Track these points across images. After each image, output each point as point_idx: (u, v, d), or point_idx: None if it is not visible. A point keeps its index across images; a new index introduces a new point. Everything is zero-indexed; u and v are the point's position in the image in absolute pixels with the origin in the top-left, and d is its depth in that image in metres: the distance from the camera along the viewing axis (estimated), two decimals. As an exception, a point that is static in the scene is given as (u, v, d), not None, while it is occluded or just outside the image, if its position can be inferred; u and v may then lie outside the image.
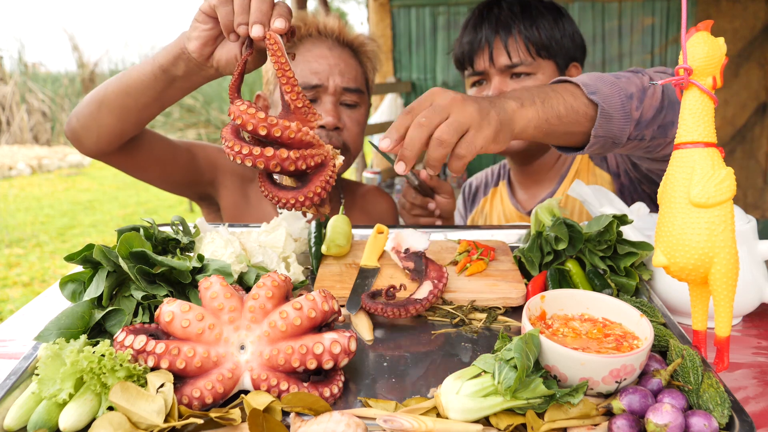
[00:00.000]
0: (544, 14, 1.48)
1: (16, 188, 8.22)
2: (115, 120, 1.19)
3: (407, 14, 4.24)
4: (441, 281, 0.91)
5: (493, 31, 1.48)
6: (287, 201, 0.86)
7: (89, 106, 1.20)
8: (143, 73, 1.10)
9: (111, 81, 1.17)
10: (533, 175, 1.64)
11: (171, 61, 1.05)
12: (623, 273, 0.95)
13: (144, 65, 1.11)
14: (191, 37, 1.00)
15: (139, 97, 1.14)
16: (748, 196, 4.22)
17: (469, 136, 0.83)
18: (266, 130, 0.82)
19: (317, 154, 0.86)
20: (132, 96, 1.14)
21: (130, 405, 0.62)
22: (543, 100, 0.94)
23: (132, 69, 1.14)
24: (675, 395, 0.64)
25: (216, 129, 12.50)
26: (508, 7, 1.49)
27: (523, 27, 1.46)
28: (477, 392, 0.65)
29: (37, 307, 1.04)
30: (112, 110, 1.17)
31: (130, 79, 1.13)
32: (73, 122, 1.24)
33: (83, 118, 1.21)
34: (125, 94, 1.14)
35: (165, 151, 1.38)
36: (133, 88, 1.13)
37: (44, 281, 4.66)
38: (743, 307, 0.94)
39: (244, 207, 1.55)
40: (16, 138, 12.02)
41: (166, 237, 0.95)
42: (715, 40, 0.69)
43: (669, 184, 0.70)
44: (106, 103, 1.17)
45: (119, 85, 1.15)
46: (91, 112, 1.19)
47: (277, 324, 0.71)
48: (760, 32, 3.99)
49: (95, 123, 1.20)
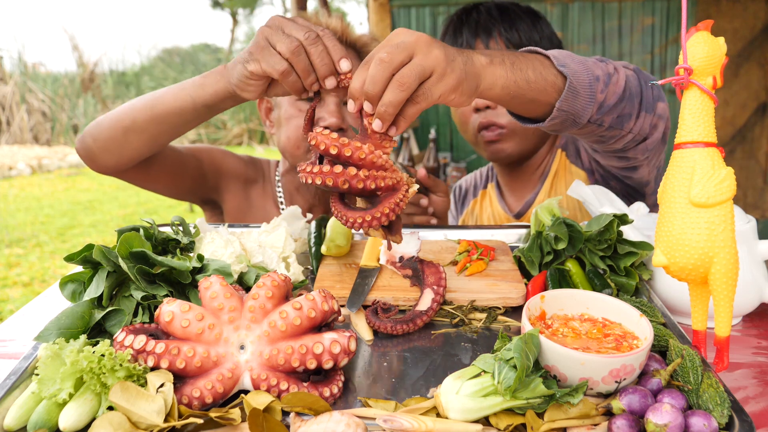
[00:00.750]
0: (522, 17, 1.49)
1: (16, 188, 8.22)
2: (143, 145, 1.18)
3: (407, 14, 4.24)
4: (440, 285, 0.92)
5: (473, 34, 1.48)
6: (354, 221, 0.86)
7: (112, 130, 1.17)
8: (181, 108, 1.09)
9: (138, 108, 1.15)
10: (519, 178, 1.64)
11: (219, 100, 1.06)
12: (623, 273, 0.95)
13: (180, 100, 1.09)
14: (246, 89, 0.99)
15: (174, 126, 1.13)
16: (748, 196, 4.22)
17: (430, 82, 0.79)
18: (337, 150, 0.83)
19: (388, 177, 0.85)
20: (166, 124, 1.13)
21: (130, 405, 0.62)
22: (513, 62, 0.92)
23: (164, 99, 1.12)
24: (675, 395, 0.64)
25: (216, 129, 12.50)
26: (486, 11, 1.50)
27: (503, 29, 1.47)
28: (477, 392, 0.65)
29: (37, 307, 1.04)
30: (141, 137, 1.16)
31: (164, 111, 1.11)
32: (89, 142, 1.21)
33: (103, 141, 1.19)
34: (158, 123, 1.13)
35: (175, 162, 1.38)
36: (169, 119, 1.12)
37: (44, 281, 4.66)
38: (743, 307, 0.94)
39: (247, 210, 1.56)
40: (16, 138, 12.02)
41: (166, 237, 0.95)
42: (715, 39, 0.69)
43: (669, 184, 0.70)
44: (135, 129, 1.15)
45: (152, 115, 1.13)
46: (114, 136, 1.17)
47: (276, 324, 0.71)
48: (760, 32, 3.99)
49: (118, 146, 1.18)
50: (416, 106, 0.81)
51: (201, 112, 1.10)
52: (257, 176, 1.61)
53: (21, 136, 12.08)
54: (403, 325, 0.86)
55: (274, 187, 1.60)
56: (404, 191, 0.86)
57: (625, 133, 1.13)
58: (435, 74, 0.80)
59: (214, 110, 1.10)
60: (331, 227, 1.12)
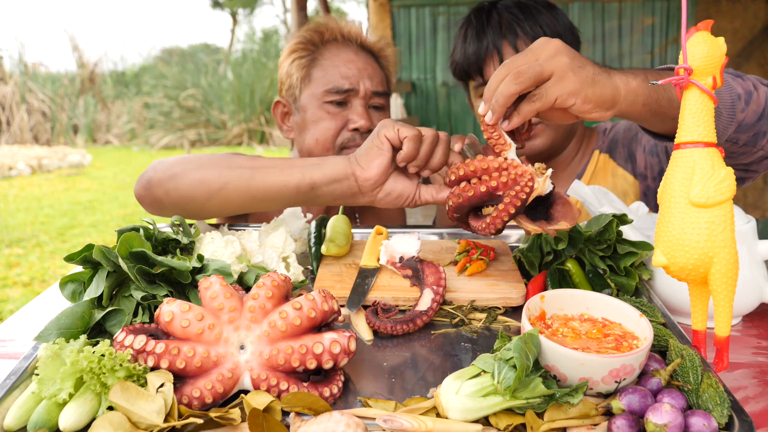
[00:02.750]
0: (541, 11, 1.46)
1: (16, 188, 8.22)
2: (225, 212, 1.07)
3: (407, 14, 4.24)
4: (440, 285, 0.92)
5: (499, 36, 1.45)
6: (478, 227, 0.91)
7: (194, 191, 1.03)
8: (285, 183, 0.99)
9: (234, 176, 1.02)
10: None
11: (329, 181, 0.97)
12: (623, 273, 0.95)
13: (286, 174, 0.99)
14: (370, 166, 0.95)
15: (263, 203, 1.03)
16: (748, 196, 4.22)
17: (548, 84, 0.81)
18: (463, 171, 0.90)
19: (504, 175, 0.87)
20: (256, 200, 1.02)
21: (130, 405, 0.62)
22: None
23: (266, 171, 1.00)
24: (674, 395, 0.64)
25: (216, 129, 12.50)
26: (506, 10, 1.47)
27: (528, 27, 1.44)
28: (476, 392, 0.65)
29: (37, 307, 1.04)
30: (224, 207, 1.05)
31: (264, 183, 1.00)
32: (161, 195, 1.07)
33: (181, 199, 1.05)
34: (251, 198, 1.02)
35: None
36: (264, 195, 1.01)
37: (44, 281, 4.66)
38: (743, 307, 0.94)
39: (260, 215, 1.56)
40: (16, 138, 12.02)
41: (166, 237, 0.95)
42: (715, 39, 0.69)
43: (669, 184, 0.70)
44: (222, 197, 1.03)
45: (248, 187, 1.01)
46: (195, 198, 1.04)
47: (276, 324, 0.71)
48: (760, 32, 3.99)
49: (197, 209, 1.06)
50: (531, 104, 0.83)
51: (304, 191, 0.99)
52: None
53: (21, 136, 12.09)
54: (403, 325, 0.86)
55: None
56: (526, 182, 0.86)
57: (757, 150, 1.09)
58: (555, 76, 0.82)
59: (317, 192, 0.99)
60: (331, 227, 1.12)
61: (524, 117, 0.84)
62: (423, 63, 4.33)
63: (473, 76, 1.53)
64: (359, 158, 0.97)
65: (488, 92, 0.85)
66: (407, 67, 4.35)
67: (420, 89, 4.35)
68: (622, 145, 1.53)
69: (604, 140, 1.57)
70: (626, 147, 1.52)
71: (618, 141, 1.54)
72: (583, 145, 1.60)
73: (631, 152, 1.51)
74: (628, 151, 1.52)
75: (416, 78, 4.36)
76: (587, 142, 1.60)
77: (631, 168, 1.51)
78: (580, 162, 1.59)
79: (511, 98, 0.82)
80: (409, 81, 4.34)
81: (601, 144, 1.57)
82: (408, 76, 4.36)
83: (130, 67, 16.45)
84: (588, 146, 1.59)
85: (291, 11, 3.77)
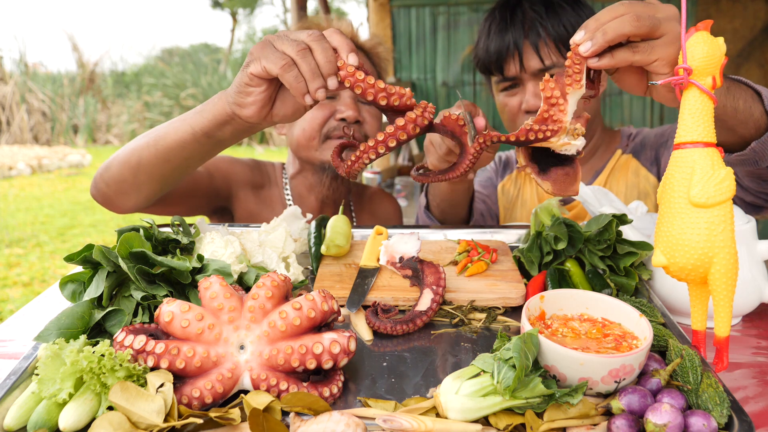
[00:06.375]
0: (565, 8, 1.44)
1: (16, 188, 8.22)
2: (155, 185, 1.13)
3: (407, 14, 4.24)
4: (440, 285, 0.92)
5: (521, 34, 1.44)
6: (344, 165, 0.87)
7: (121, 172, 1.12)
8: (182, 141, 1.03)
9: (142, 145, 1.08)
10: None
11: (216, 127, 0.98)
12: (623, 273, 0.96)
13: (180, 132, 1.03)
14: (244, 104, 0.92)
15: (180, 162, 1.07)
16: (748, 196, 4.21)
17: (657, 42, 0.79)
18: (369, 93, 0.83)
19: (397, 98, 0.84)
20: (172, 162, 1.07)
21: (130, 405, 0.62)
22: (728, 87, 0.90)
23: (165, 134, 1.05)
24: (674, 395, 0.64)
25: (216, 129, 12.48)
26: (531, 7, 1.45)
27: (551, 27, 1.42)
28: (476, 392, 0.65)
29: (37, 307, 1.04)
30: (152, 177, 1.10)
31: (167, 146, 1.05)
32: (103, 188, 1.16)
33: (116, 185, 1.14)
34: (163, 161, 1.07)
35: (189, 185, 1.37)
36: (172, 156, 1.06)
37: (44, 281, 4.66)
38: (743, 307, 0.94)
39: (258, 214, 1.57)
40: (16, 138, 12.03)
41: (166, 237, 0.95)
42: (715, 39, 0.69)
43: (668, 184, 0.70)
44: (143, 170, 1.09)
45: (156, 153, 1.07)
46: (125, 178, 1.12)
47: (276, 324, 0.71)
48: (760, 32, 3.99)
49: (132, 189, 1.13)
50: (631, 54, 0.80)
51: (202, 142, 1.02)
52: (263, 180, 1.62)
53: (21, 136, 12.09)
54: (403, 326, 0.86)
55: (281, 190, 1.61)
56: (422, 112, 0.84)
57: None
58: (665, 38, 0.79)
59: (216, 140, 1.02)
60: (331, 227, 1.12)
61: (618, 62, 0.81)
62: (423, 63, 4.33)
63: (493, 72, 1.53)
64: (235, 98, 0.93)
65: (595, 23, 0.80)
66: (407, 67, 4.36)
67: (420, 89, 4.35)
68: (650, 148, 1.55)
69: (629, 143, 1.59)
70: (654, 150, 1.54)
71: (646, 144, 1.56)
72: (604, 144, 1.61)
73: (657, 156, 1.53)
74: (656, 154, 1.53)
75: (416, 78, 4.36)
76: (609, 141, 1.62)
77: (655, 171, 1.53)
78: (600, 159, 1.60)
79: (620, 37, 0.79)
80: (409, 81, 4.34)
81: (624, 146, 1.59)
82: (408, 76, 4.36)
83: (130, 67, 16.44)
84: (610, 146, 1.61)
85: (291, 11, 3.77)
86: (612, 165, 1.56)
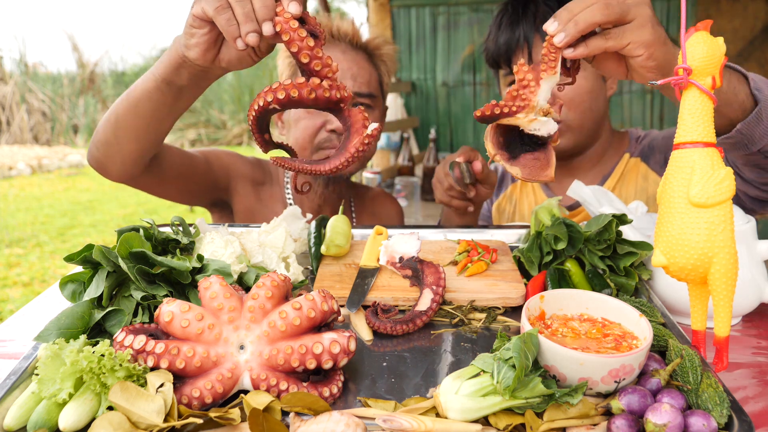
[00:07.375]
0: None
1: (16, 188, 8.22)
2: (133, 143, 1.14)
3: (407, 14, 4.24)
4: (439, 285, 0.92)
5: (532, 29, 1.43)
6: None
7: (105, 132, 1.15)
8: (147, 90, 1.05)
9: (117, 103, 1.12)
10: (572, 172, 1.61)
11: (173, 72, 1.00)
12: (623, 273, 0.96)
13: (146, 82, 1.05)
14: (189, 45, 0.93)
15: (149, 115, 1.09)
16: (748, 196, 4.21)
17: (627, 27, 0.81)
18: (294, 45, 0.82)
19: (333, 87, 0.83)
20: (142, 116, 1.09)
21: (130, 405, 0.62)
22: None
23: (135, 87, 1.09)
24: (674, 395, 0.64)
25: (216, 129, 12.50)
26: (544, 1, 1.45)
27: None
28: (476, 392, 0.65)
29: (37, 307, 1.04)
30: (128, 133, 1.13)
31: (135, 98, 1.08)
32: (94, 151, 1.20)
33: (102, 146, 1.17)
34: (135, 116, 1.10)
35: (185, 165, 1.37)
36: (141, 108, 1.08)
37: (44, 281, 4.66)
38: (742, 307, 0.94)
39: (257, 211, 1.57)
40: (16, 138, 12.02)
41: (165, 237, 0.95)
42: (715, 39, 0.69)
43: (668, 184, 0.70)
44: (120, 126, 1.12)
45: (128, 107, 1.10)
46: (108, 139, 1.15)
47: (276, 324, 0.71)
48: (760, 32, 3.99)
49: (116, 149, 1.16)
50: (604, 41, 0.82)
51: (164, 90, 1.03)
52: (264, 178, 1.62)
53: (21, 136, 12.08)
54: (403, 326, 0.86)
55: (282, 189, 1.61)
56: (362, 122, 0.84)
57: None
58: (635, 22, 0.82)
59: (176, 87, 1.02)
60: (331, 227, 1.12)
61: (591, 51, 0.83)
62: (423, 63, 4.33)
63: (502, 65, 1.52)
64: (183, 39, 0.94)
65: (567, 14, 0.82)
66: (407, 67, 4.35)
67: (420, 89, 4.35)
68: (659, 151, 1.54)
69: (637, 146, 1.58)
70: (663, 154, 1.53)
71: (655, 148, 1.55)
72: (612, 148, 1.60)
73: (667, 160, 1.51)
74: (665, 158, 1.52)
75: (416, 78, 4.36)
76: (617, 145, 1.60)
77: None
78: (608, 163, 1.59)
79: (591, 26, 0.81)
80: (409, 81, 4.34)
81: (632, 149, 1.58)
82: (408, 76, 4.36)
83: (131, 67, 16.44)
84: (618, 149, 1.60)
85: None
86: (621, 169, 1.55)
